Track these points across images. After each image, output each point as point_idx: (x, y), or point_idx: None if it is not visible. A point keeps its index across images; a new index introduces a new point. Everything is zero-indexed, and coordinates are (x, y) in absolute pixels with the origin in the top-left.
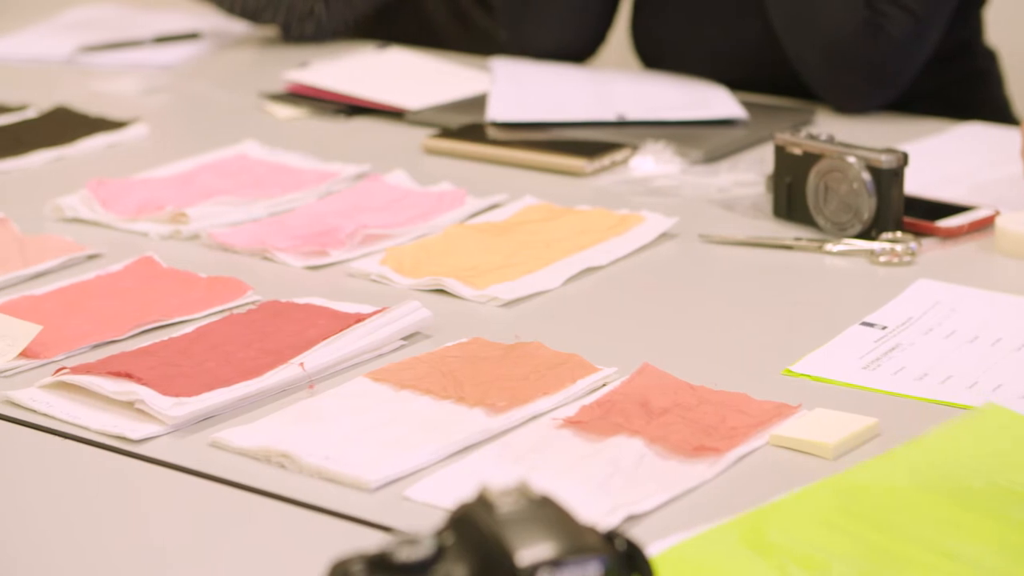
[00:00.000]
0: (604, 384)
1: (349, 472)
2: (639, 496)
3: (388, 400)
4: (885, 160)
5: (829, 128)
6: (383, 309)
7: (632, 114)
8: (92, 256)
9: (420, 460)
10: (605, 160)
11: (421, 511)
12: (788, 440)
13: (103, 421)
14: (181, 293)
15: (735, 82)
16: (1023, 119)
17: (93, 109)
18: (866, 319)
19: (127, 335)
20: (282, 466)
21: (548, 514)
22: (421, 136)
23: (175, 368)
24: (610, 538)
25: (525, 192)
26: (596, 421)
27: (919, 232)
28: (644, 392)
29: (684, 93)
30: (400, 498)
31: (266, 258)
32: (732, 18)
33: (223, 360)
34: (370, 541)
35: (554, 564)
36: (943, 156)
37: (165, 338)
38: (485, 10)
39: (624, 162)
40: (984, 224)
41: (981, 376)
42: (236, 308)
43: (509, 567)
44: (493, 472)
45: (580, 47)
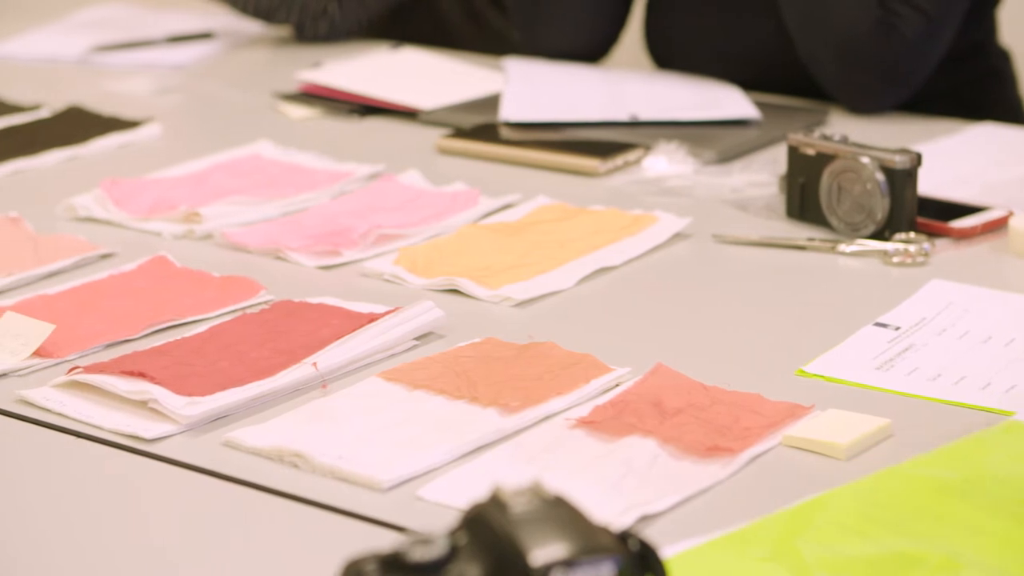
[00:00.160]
0: (617, 384)
1: (362, 472)
2: (652, 496)
3: (401, 400)
4: (899, 160)
5: (842, 128)
6: (396, 309)
7: (645, 114)
8: (105, 255)
9: (433, 460)
10: (618, 160)
11: (434, 511)
12: (801, 441)
13: (116, 420)
14: (194, 293)
15: (748, 82)
16: None
17: (106, 109)
18: (879, 320)
19: (140, 334)
20: (295, 466)
21: (561, 514)
22: (435, 136)
23: (188, 367)
24: (623, 538)
25: (538, 192)
26: (609, 421)
27: (932, 233)
28: (657, 392)
29: (697, 93)
30: (413, 498)
31: (279, 258)
32: (745, 18)
33: (236, 360)
34: (383, 541)
35: (567, 564)
36: (956, 156)
37: (178, 337)
38: (499, 10)
39: (637, 162)
40: (997, 225)
41: (994, 377)
42: (249, 308)
43: (522, 567)
44: (506, 472)
45: (593, 48)
